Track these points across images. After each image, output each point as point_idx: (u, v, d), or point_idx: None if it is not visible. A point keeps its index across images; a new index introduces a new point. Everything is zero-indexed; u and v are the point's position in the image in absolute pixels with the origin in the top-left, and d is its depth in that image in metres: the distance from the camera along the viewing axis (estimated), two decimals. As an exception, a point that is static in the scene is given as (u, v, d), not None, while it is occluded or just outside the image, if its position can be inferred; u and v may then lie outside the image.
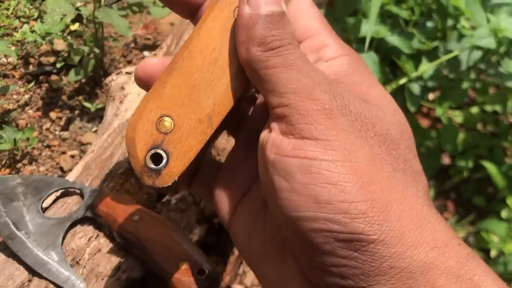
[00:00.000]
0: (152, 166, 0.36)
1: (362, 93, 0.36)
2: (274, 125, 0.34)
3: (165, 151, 0.36)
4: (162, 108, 0.37)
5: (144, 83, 0.41)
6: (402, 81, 0.99)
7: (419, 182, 0.35)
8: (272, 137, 0.33)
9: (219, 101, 0.37)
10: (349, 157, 0.31)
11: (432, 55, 1.02)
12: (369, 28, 0.90)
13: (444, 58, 0.99)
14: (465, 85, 1.09)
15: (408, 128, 0.37)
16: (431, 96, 1.28)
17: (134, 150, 0.36)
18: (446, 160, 1.23)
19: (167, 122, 0.37)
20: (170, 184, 0.36)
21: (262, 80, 0.34)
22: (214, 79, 0.37)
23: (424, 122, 1.25)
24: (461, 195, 1.18)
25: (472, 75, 1.18)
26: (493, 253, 1.05)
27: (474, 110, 1.21)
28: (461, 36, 1.02)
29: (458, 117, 1.22)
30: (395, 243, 0.29)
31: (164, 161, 0.36)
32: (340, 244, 0.30)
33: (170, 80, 0.37)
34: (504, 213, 1.10)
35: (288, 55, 0.34)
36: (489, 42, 0.92)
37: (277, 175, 0.32)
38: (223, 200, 0.40)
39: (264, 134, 0.35)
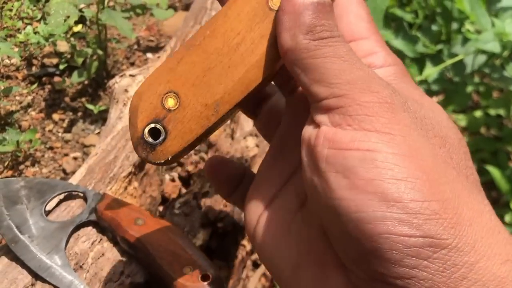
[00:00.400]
0: (149, 139, 0.35)
1: (414, 99, 0.33)
2: (322, 118, 0.30)
3: (164, 128, 0.35)
4: (172, 83, 0.35)
5: None
6: (406, 85, 0.99)
7: (481, 191, 0.32)
8: (323, 131, 0.30)
9: (231, 90, 0.35)
10: (413, 152, 0.28)
11: (436, 58, 1.02)
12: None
13: (448, 62, 0.98)
14: (469, 88, 1.09)
15: (463, 137, 0.34)
16: (435, 99, 1.28)
17: (135, 119, 0.35)
18: (449, 163, 1.23)
19: (173, 99, 0.35)
20: (162, 161, 0.35)
21: (308, 70, 0.31)
22: (231, 65, 0.35)
23: (428, 126, 1.25)
24: (465, 199, 1.18)
25: (476, 79, 1.17)
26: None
27: (478, 113, 1.21)
28: (465, 40, 1.01)
29: (461, 120, 1.22)
30: (468, 250, 0.26)
31: (162, 137, 0.35)
32: (410, 251, 0.26)
33: (186, 57, 0.35)
34: (508, 218, 1.10)
35: (339, 47, 0.31)
36: (494, 46, 0.91)
37: (334, 171, 0.28)
38: (250, 212, 0.38)
39: (309, 130, 0.32)
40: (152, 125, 0.35)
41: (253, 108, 0.43)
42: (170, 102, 0.35)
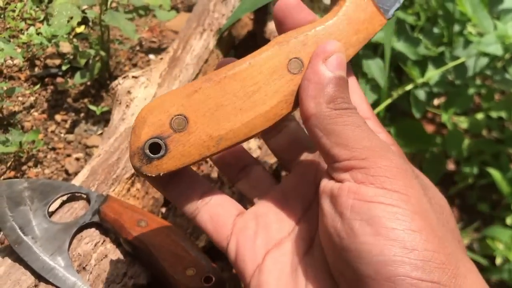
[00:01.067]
0: (148, 152, 0.37)
1: (415, 172, 0.40)
2: (344, 175, 0.35)
3: (166, 146, 0.37)
4: (185, 108, 0.38)
5: (281, 20, 0.42)
6: (408, 87, 0.99)
7: (466, 253, 0.38)
8: (347, 185, 0.35)
9: (236, 130, 0.39)
10: (425, 213, 0.33)
11: (438, 61, 1.02)
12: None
13: (450, 64, 0.98)
14: (471, 91, 1.09)
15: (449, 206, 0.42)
16: (436, 101, 1.28)
17: (140, 130, 0.37)
18: (451, 166, 1.23)
19: (182, 122, 0.38)
20: (153, 175, 0.37)
21: (330, 134, 0.36)
22: (242, 108, 0.39)
23: (429, 128, 1.25)
24: (466, 202, 1.18)
25: (478, 81, 1.17)
26: (498, 260, 1.05)
27: (480, 116, 1.21)
28: (467, 43, 1.01)
29: (463, 123, 1.22)
30: None
31: (161, 153, 0.37)
32: None
33: (204, 88, 0.38)
34: (509, 220, 1.10)
35: (356, 117, 0.37)
36: (496, 49, 0.92)
37: (359, 219, 0.33)
38: (248, 258, 0.41)
39: (329, 184, 0.37)
40: (155, 140, 0.37)
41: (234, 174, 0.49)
42: (178, 124, 0.38)
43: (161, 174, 0.37)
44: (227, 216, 0.43)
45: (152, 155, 0.37)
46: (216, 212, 0.43)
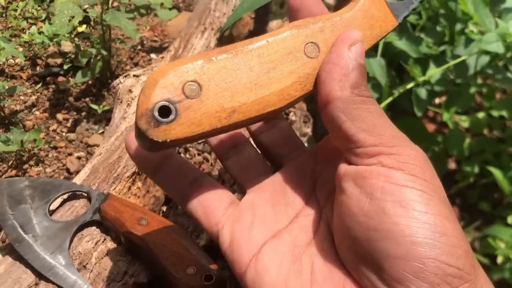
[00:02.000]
0: (157, 115, 0.35)
1: None
2: (370, 160, 0.36)
3: (176, 110, 0.35)
4: (199, 74, 0.36)
5: (296, 8, 0.43)
6: (409, 85, 0.99)
7: None
8: (376, 168, 0.36)
9: (249, 104, 0.38)
10: (448, 204, 0.35)
11: (439, 59, 1.02)
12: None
13: (452, 63, 0.98)
14: (472, 90, 1.09)
15: None
16: (437, 100, 1.28)
17: (150, 91, 0.35)
18: (452, 165, 1.23)
19: (196, 89, 0.36)
20: (160, 141, 0.35)
21: (355, 119, 0.36)
22: (257, 83, 0.38)
23: (431, 127, 1.25)
24: (467, 201, 1.18)
25: (479, 80, 1.17)
26: (499, 259, 1.05)
27: (481, 115, 1.21)
28: (469, 41, 1.01)
29: (464, 122, 1.22)
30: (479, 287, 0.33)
31: (170, 118, 0.35)
32: (446, 278, 0.32)
33: (221, 58, 0.37)
34: (510, 219, 1.10)
35: (378, 107, 0.38)
36: (498, 47, 0.91)
37: (391, 200, 0.34)
38: (243, 248, 0.41)
39: (351, 168, 0.37)
40: (166, 103, 0.35)
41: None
42: (192, 91, 0.36)
43: (167, 140, 0.35)
44: (218, 203, 0.43)
45: (161, 119, 0.35)
46: (206, 198, 0.43)
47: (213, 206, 0.43)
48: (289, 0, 0.43)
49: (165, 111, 0.35)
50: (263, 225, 0.42)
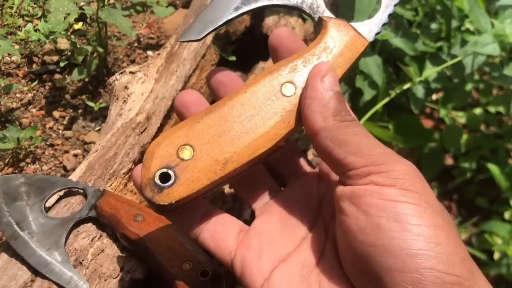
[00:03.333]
0: (158, 182, 0.39)
1: None
2: (363, 180, 0.38)
3: (174, 174, 0.39)
4: (189, 138, 0.41)
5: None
6: (406, 86, 0.99)
7: None
8: (369, 186, 0.37)
9: (240, 152, 0.41)
10: (442, 213, 0.36)
11: (436, 57, 1.02)
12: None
13: (449, 63, 0.98)
14: (469, 86, 1.09)
15: None
16: (434, 96, 1.28)
17: (149, 162, 0.39)
18: (449, 161, 1.23)
19: (188, 151, 0.40)
20: (166, 204, 0.39)
21: (342, 144, 0.39)
22: (243, 132, 0.41)
23: (427, 123, 1.25)
24: (464, 196, 1.18)
25: (476, 76, 1.17)
26: (496, 255, 1.05)
27: (478, 111, 1.21)
28: (465, 41, 1.01)
29: (461, 118, 1.22)
30: None
31: (171, 182, 0.39)
32: (444, 286, 0.33)
33: (205, 119, 0.41)
34: (507, 215, 1.10)
35: (362, 128, 0.40)
36: (493, 49, 0.91)
37: (385, 216, 0.35)
38: (256, 273, 0.42)
39: (346, 189, 0.39)
40: (164, 170, 0.39)
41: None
42: (185, 153, 0.40)
43: (173, 202, 0.39)
44: (228, 233, 0.45)
45: (162, 184, 0.39)
46: (217, 230, 0.45)
47: (224, 237, 0.45)
48: (268, 42, 0.47)
49: (165, 177, 0.39)
50: (272, 250, 0.43)
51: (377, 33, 0.46)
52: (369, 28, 0.46)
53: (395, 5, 0.47)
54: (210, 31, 0.46)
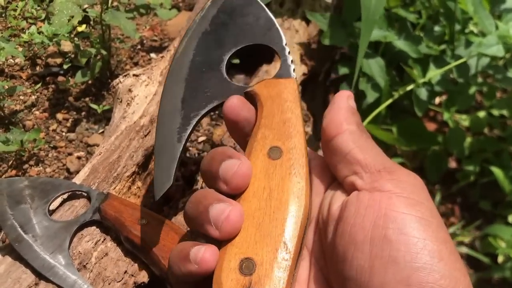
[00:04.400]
0: None
1: None
2: (373, 184, 0.39)
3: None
4: (239, 253, 0.38)
5: (232, 122, 0.46)
6: (410, 87, 0.99)
7: None
8: (379, 195, 0.38)
9: (288, 225, 0.39)
10: (443, 224, 0.37)
11: (439, 60, 1.02)
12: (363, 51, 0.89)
13: (452, 64, 0.98)
14: (472, 89, 1.09)
15: None
16: (438, 99, 1.28)
17: None
18: (452, 164, 1.22)
19: (249, 263, 0.38)
20: None
21: (362, 147, 0.40)
22: (274, 210, 0.40)
23: (431, 126, 1.25)
24: (468, 199, 1.18)
25: (479, 79, 1.17)
26: (500, 258, 1.05)
27: (481, 114, 1.21)
28: (469, 43, 1.01)
29: (465, 121, 1.21)
30: None
31: None
32: None
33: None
34: (511, 218, 1.09)
35: (374, 142, 0.42)
36: (498, 50, 0.91)
37: (392, 228, 0.36)
38: None
39: (354, 194, 0.39)
40: None
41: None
42: (248, 267, 0.37)
43: None
44: None
45: None
46: None
47: None
48: (223, 115, 0.46)
49: None
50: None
51: (294, 70, 0.48)
52: (287, 68, 0.48)
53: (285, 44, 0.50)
54: (175, 169, 0.46)
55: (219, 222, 0.39)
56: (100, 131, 0.92)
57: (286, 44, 0.49)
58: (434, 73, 1.00)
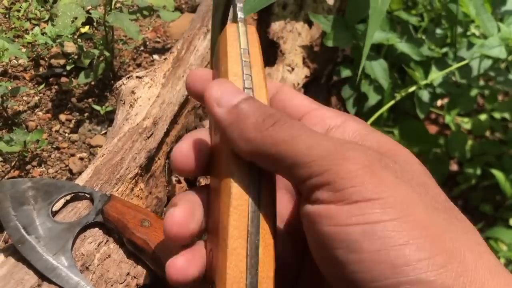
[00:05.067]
0: None
1: (382, 149, 0.35)
2: (314, 196, 0.31)
3: None
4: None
5: (195, 92, 0.40)
6: (412, 89, 0.99)
7: (473, 228, 0.33)
8: (319, 209, 0.31)
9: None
10: (407, 211, 0.29)
11: (441, 62, 1.02)
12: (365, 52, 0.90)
13: (454, 66, 0.98)
14: (474, 92, 1.09)
15: (433, 178, 0.35)
16: (439, 102, 1.28)
17: None
18: (454, 167, 1.23)
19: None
20: None
21: (280, 159, 0.32)
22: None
23: (433, 129, 1.25)
24: (469, 203, 1.18)
25: (481, 82, 1.17)
26: (501, 261, 1.05)
27: (483, 117, 1.21)
28: (471, 44, 1.02)
29: (466, 124, 1.22)
30: None
31: None
32: None
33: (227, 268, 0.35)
34: (512, 221, 1.10)
35: (290, 127, 0.33)
36: (500, 52, 0.91)
37: (340, 248, 0.30)
38: None
39: (307, 208, 0.32)
40: None
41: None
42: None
43: None
44: None
45: None
46: None
47: None
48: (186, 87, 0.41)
49: None
50: None
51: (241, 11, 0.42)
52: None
53: None
54: None
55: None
56: (103, 132, 0.92)
57: None
58: (436, 75, 1.00)
